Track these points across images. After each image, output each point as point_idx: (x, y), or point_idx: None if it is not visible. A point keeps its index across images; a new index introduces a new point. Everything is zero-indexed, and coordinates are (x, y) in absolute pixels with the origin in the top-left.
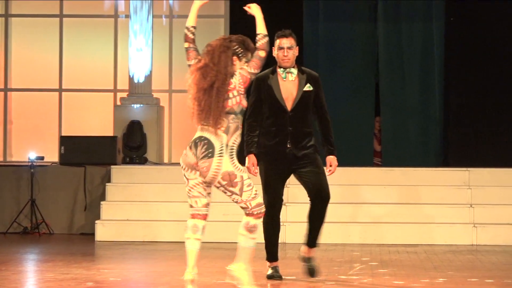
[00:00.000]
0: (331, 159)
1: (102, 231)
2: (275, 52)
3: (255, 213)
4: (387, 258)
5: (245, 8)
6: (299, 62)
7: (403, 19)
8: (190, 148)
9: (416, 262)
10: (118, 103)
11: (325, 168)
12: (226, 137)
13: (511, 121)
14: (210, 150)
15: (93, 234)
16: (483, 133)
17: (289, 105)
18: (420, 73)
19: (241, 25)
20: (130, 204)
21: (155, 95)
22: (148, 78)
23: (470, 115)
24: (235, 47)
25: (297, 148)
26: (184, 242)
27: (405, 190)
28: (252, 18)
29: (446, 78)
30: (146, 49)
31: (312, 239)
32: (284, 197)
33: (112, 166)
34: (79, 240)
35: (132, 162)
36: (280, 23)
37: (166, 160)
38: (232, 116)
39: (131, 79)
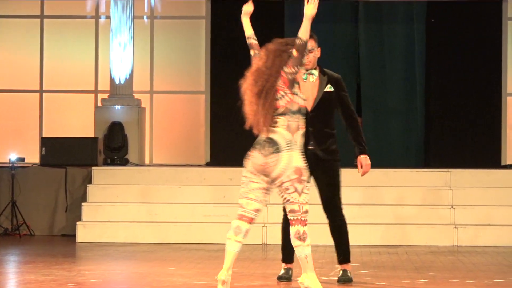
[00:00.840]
0: (362, 159)
1: (83, 232)
2: None
3: (303, 219)
4: (368, 259)
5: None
6: None
7: (385, 20)
8: (256, 149)
9: (397, 263)
10: (99, 104)
11: (355, 169)
12: (290, 134)
13: (492, 122)
14: (276, 147)
15: (74, 236)
16: (464, 134)
17: (309, 106)
18: (402, 74)
19: (222, 26)
20: (111, 205)
21: (136, 96)
22: (129, 79)
23: (451, 116)
24: (290, 50)
25: (319, 149)
26: (163, 244)
27: (386, 191)
28: (233, 19)
29: (427, 79)
30: (127, 50)
31: (340, 254)
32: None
33: (93, 167)
34: (60, 241)
35: (113, 163)
36: (261, 24)
37: (147, 161)
38: (289, 115)
39: (112, 80)
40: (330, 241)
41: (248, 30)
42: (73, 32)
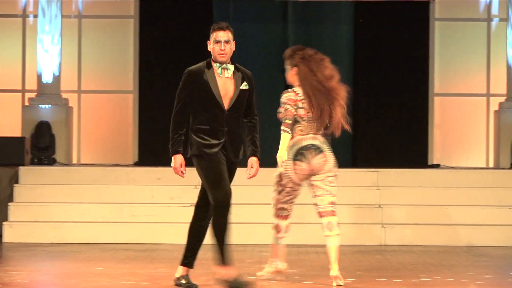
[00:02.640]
0: (253, 161)
1: (10, 233)
2: (210, 46)
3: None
4: (296, 258)
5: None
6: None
7: (313, 20)
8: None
9: (325, 262)
10: (26, 103)
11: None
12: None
13: (419, 122)
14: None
15: (0, 236)
16: (391, 134)
17: (226, 104)
18: None
19: (151, 25)
20: (39, 205)
21: (64, 95)
22: (57, 78)
23: (379, 116)
24: None
25: (233, 151)
26: (91, 244)
27: None
28: (162, 19)
29: (355, 79)
30: (54, 49)
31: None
32: (193, 198)
33: (20, 167)
34: None
35: (40, 163)
36: (190, 24)
37: (75, 161)
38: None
39: (39, 80)
40: (258, 240)
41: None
42: (0, 31)
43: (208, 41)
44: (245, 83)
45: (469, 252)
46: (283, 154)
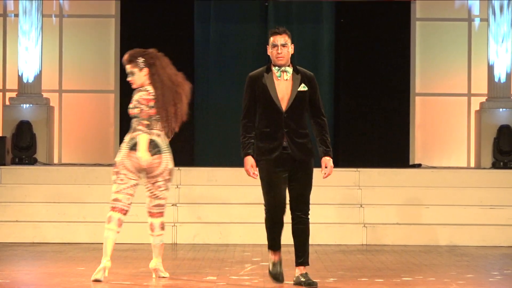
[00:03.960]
0: (327, 161)
1: None
2: (269, 50)
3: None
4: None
5: None
6: (191, 62)
7: (294, 20)
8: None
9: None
10: (7, 103)
11: (320, 169)
12: None
13: (399, 122)
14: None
15: None
16: (372, 134)
17: (284, 105)
18: None
19: (132, 25)
20: (20, 205)
21: (45, 95)
22: (38, 78)
23: (359, 116)
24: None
25: (298, 151)
26: (72, 244)
27: None
28: (143, 18)
29: (336, 79)
30: (35, 48)
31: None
32: (174, 198)
33: (1, 167)
34: None
35: (21, 162)
36: (171, 23)
37: (56, 161)
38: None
39: (20, 79)
40: (239, 240)
41: None
42: None
43: (267, 45)
44: (303, 84)
45: (451, 252)
46: (143, 154)
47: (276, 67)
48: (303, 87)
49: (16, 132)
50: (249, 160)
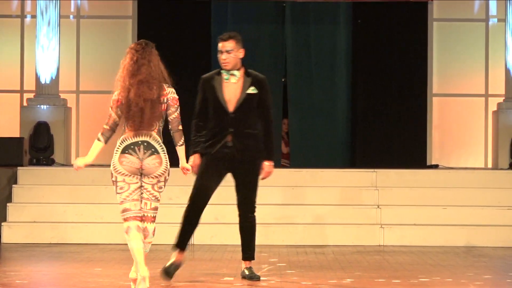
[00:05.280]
0: (265, 165)
1: (9, 233)
2: (218, 55)
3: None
4: (295, 259)
5: None
6: (207, 62)
7: (311, 21)
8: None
9: (323, 262)
10: (25, 104)
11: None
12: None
13: (417, 122)
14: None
15: None
16: (390, 135)
17: (231, 107)
18: (328, 75)
19: (149, 26)
20: (37, 205)
21: (62, 96)
22: (55, 79)
23: (377, 116)
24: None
25: (237, 149)
26: (89, 244)
27: (313, 191)
28: (160, 19)
29: (353, 80)
30: (53, 49)
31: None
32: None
33: (18, 168)
34: None
35: (39, 163)
36: (188, 25)
37: (73, 162)
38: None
39: (37, 80)
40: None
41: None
42: None
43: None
44: (253, 87)
45: (468, 253)
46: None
47: (225, 71)
48: (252, 90)
49: (33, 133)
50: (196, 158)
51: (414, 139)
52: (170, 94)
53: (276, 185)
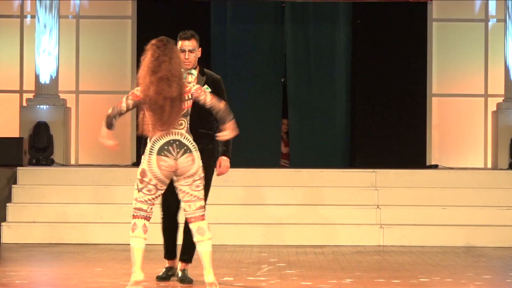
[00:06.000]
0: (222, 160)
1: (8, 233)
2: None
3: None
4: (294, 259)
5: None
6: (207, 63)
7: (310, 20)
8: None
9: (323, 263)
10: (24, 104)
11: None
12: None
13: (417, 122)
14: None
15: None
16: (389, 135)
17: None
18: (327, 74)
19: (148, 26)
20: (37, 206)
21: (62, 96)
22: (55, 79)
23: (376, 116)
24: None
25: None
26: (89, 245)
27: (312, 191)
28: (159, 19)
29: (352, 80)
30: (52, 49)
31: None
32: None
33: (18, 168)
34: None
35: (38, 163)
36: (187, 25)
37: (73, 162)
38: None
39: (37, 80)
40: (255, 241)
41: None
42: None
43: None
44: (206, 86)
45: (468, 253)
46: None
47: (183, 70)
48: (206, 89)
49: (33, 133)
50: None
51: (414, 139)
52: (192, 88)
53: (276, 185)
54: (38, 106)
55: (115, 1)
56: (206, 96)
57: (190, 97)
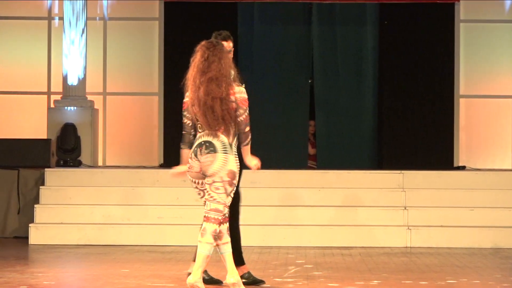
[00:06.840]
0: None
1: (36, 234)
2: None
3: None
4: (322, 261)
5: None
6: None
7: (338, 22)
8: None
9: (350, 264)
10: (52, 105)
11: None
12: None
13: (444, 124)
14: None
15: (26, 238)
16: (417, 136)
17: None
18: (355, 76)
19: (175, 27)
20: (64, 207)
21: (89, 97)
22: (82, 80)
23: (403, 118)
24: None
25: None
26: (116, 246)
27: (340, 192)
28: (186, 21)
29: (380, 81)
30: (80, 51)
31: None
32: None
33: (46, 169)
34: (12, 243)
35: (66, 165)
36: (215, 26)
37: (100, 163)
38: None
39: (65, 82)
40: (283, 242)
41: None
42: (26, 33)
43: None
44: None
45: (495, 254)
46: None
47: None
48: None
49: (60, 135)
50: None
51: (441, 140)
52: (238, 93)
53: (303, 186)
54: (65, 107)
55: (142, 3)
56: (244, 112)
57: (234, 99)
